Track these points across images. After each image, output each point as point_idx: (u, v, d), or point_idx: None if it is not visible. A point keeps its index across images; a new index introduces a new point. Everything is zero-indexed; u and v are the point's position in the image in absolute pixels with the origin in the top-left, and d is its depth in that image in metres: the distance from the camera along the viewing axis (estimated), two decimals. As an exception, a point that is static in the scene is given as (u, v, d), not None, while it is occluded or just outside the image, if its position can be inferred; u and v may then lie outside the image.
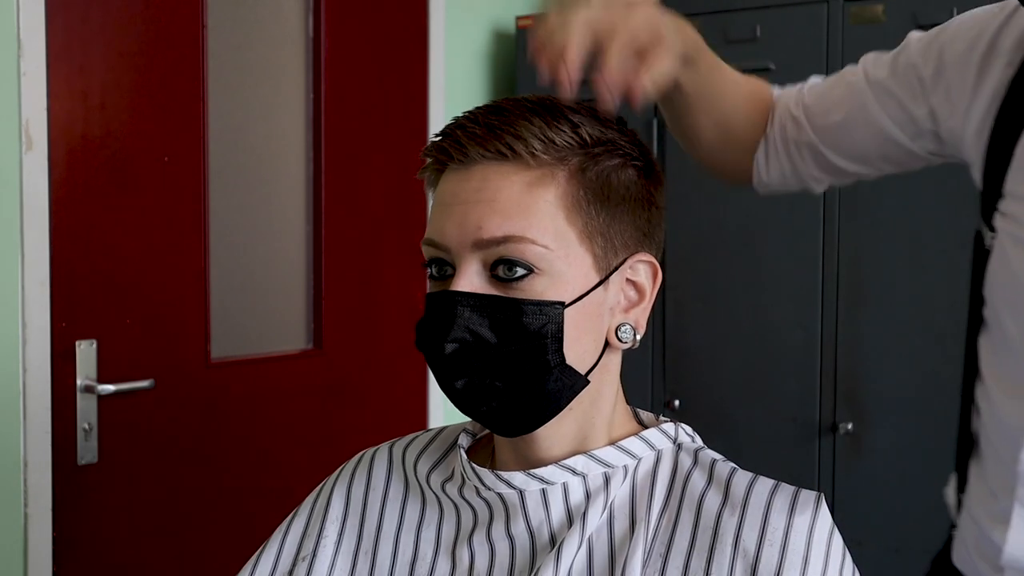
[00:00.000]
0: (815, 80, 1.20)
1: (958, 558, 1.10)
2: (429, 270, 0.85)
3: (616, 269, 0.84)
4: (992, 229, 1.01)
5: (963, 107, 1.04)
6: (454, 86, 2.72)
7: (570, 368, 0.81)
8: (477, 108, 0.85)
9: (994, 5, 1.05)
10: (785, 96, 1.20)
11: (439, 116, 2.63)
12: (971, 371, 1.08)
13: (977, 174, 1.04)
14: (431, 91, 2.64)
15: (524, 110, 0.82)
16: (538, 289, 0.80)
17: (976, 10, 1.06)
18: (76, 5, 1.96)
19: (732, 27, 2.42)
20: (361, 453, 0.99)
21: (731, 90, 1.17)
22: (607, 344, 0.85)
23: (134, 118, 2.06)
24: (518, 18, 2.75)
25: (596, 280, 0.82)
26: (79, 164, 1.98)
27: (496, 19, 2.87)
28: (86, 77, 1.98)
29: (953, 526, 1.13)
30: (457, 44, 2.73)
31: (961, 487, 1.11)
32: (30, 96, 1.89)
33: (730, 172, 1.25)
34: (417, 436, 0.98)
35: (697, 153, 1.24)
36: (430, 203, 0.88)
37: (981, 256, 1.03)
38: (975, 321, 1.05)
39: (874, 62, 1.13)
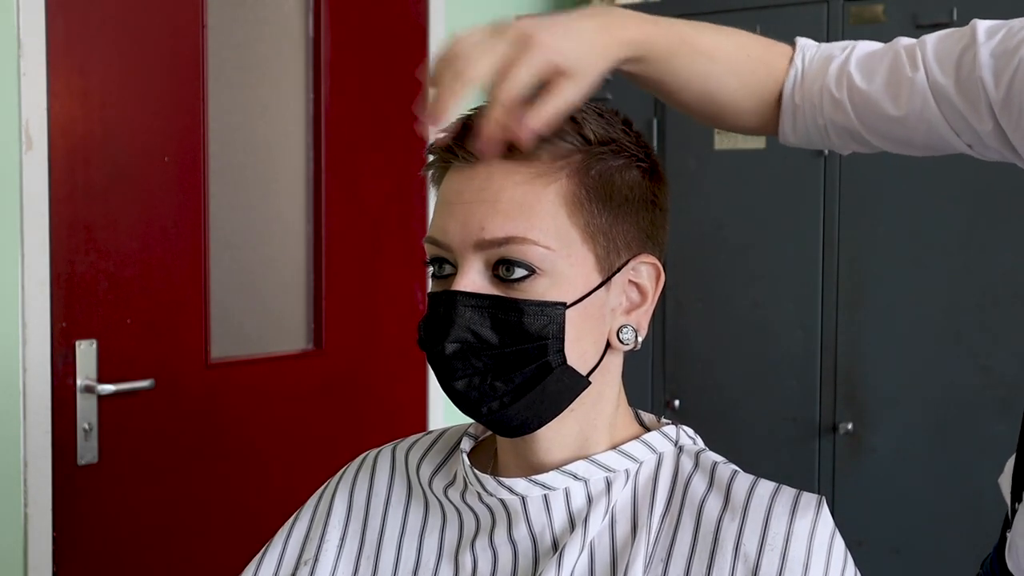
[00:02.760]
0: (861, 56, 1.05)
1: (1012, 563, 1.07)
2: (431, 268, 0.85)
3: (618, 270, 0.84)
4: None
5: None
6: (454, 86, 2.71)
7: (571, 369, 0.81)
8: (482, 105, 0.84)
9: None
10: (819, 68, 1.07)
11: (439, 116, 2.63)
12: None
13: None
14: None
15: None
16: (539, 290, 0.80)
17: None
18: (76, 5, 1.96)
19: (732, 27, 2.42)
20: (364, 455, 0.99)
21: (717, 74, 1.06)
22: (608, 345, 0.85)
23: (134, 118, 2.06)
24: (518, 18, 2.75)
25: (598, 281, 0.82)
26: (79, 164, 1.98)
27: (496, 19, 2.87)
28: (86, 77, 1.98)
29: (1007, 527, 1.10)
30: (457, 44, 2.73)
31: (1018, 492, 1.07)
32: (30, 96, 1.89)
33: (741, 130, 1.14)
34: (420, 438, 0.97)
35: (699, 120, 1.14)
36: (431, 200, 0.88)
37: None
38: None
39: (937, 57, 1.00)
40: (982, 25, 0.98)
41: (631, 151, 0.85)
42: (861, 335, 2.31)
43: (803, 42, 1.10)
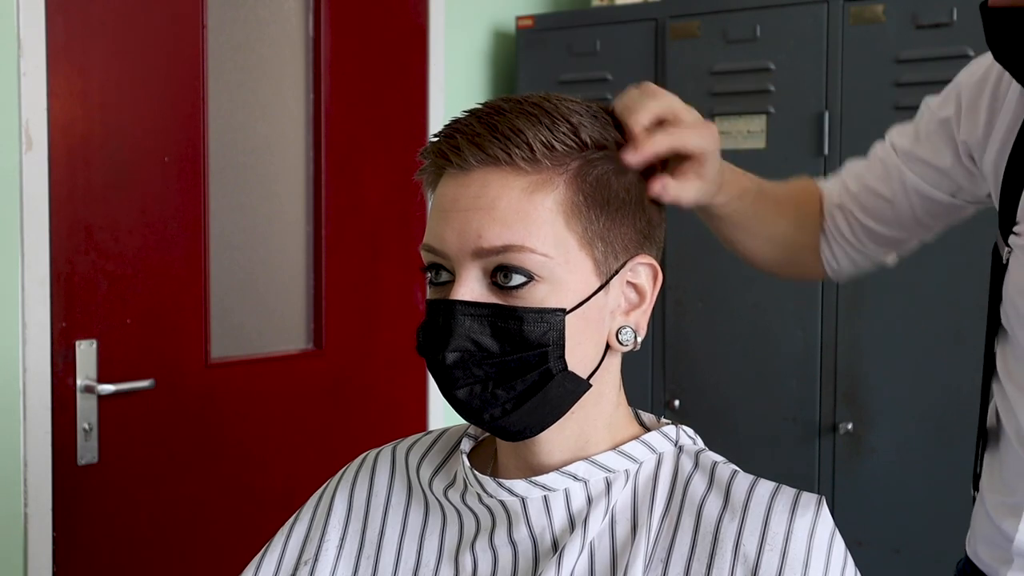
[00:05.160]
0: (850, 164, 1.25)
1: (971, 550, 1.13)
2: (428, 275, 0.85)
3: (616, 273, 0.83)
4: (1008, 245, 1.04)
5: (980, 134, 1.08)
6: (454, 86, 2.72)
7: (572, 374, 0.81)
8: (476, 108, 0.84)
9: None
10: (828, 187, 1.26)
11: (439, 116, 2.63)
12: (989, 369, 1.11)
13: (995, 198, 1.08)
14: (431, 91, 2.64)
15: (523, 112, 0.81)
16: (539, 296, 0.80)
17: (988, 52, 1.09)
18: (76, 5, 1.96)
19: (732, 27, 2.42)
20: (364, 455, 0.99)
21: (779, 211, 1.24)
22: (608, 347, 0.85)
23: (134, 118, 2.06)
24: (518, 18, 2.75)
25: (596, 285, 0.82)
26: (79, 164, 1.98)
27: (496, 19, 2.87)
28: (86, 77, 1.98)
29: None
30: (457, 44, 2.73)
31: (975, 482, 1.14)
32: (30, 96, 1.89)
33: (798, 274, 1.32)
34: (420, 438, 0.97)
35: (761, 267, 1.30)
36: (429, 204, 0.87)
37: (998, 267, 1.07)
38: (993, 323, 1.08)
39: (898, 133, 1.19)
40: (929, 98, 1.17)
41: None
42: (861, 335, 2.31)
43: (820, 183, 1.30)
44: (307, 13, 2.40)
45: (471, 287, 0.80)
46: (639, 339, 0.85)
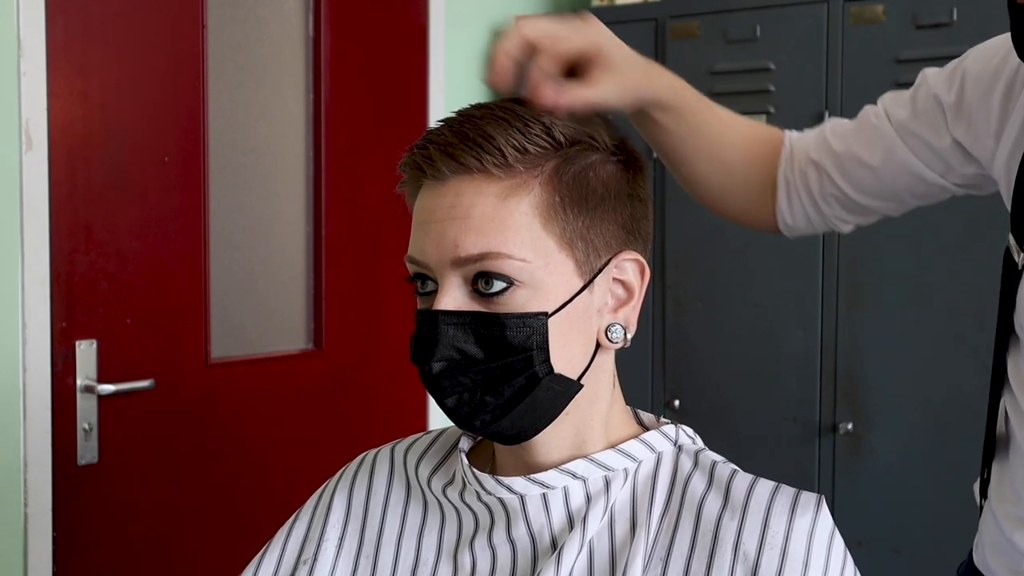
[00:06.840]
0: (835, 122, 1.18)
1: (978, 558, 1.10)
2: (415, 285, 0.85)
3: (600, 271, 0.83)
4: (1023, 250, 0.99)
5: (992, 132, 1.03)
6: (454, 86, 2.71)
7: (560, 376, 0.81)
8: (449, 117, 0.84)
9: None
10: (802, 141, 1.19)
11: (439, 116, 2.62)
12: (998, 376, 1.06)
13: (1007, 196, 1.03)
14: (431, 91, 2.64)
15: (495, 117, 0.81)
16: (520, 301, 0.79)
17: (999, 36, 1.05)
18: (76, 5, 1.96)
19: (732, 27, 2.42)
20: (363, 455, 0.99)
21: (729, 135, 1.16)
22: (598, 345, 0.84)
23: (134, 118, 2.06)
24: (518, 18, 2.75)
25: (579, 285, 0.82)
26: (79, 164, 1.98)
27: (496, 19, 2.87)
28: (86, 77, 1.98)
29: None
30: (457, 44, 2.73)
31: (983, 489, 1.10)
32: (30, 96, 1.89)
33: (746, 217, 1.24)
34: (419, 438, 0.98)
35: (707, 201, 1.23)
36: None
37: (1011, 272, 1.02)
38: (1005, 328, 1.04)
39: (893, 102, 1.13)
40: (929, 70, 1.10)
41: (603, 145, 0.84)
42: (861, 335, 2.31)
43: (789, 131, 1.22)
44: (307, 13, 2.40)
45: (453, 296, 0.80)
46: (630, 336, 0.85)
